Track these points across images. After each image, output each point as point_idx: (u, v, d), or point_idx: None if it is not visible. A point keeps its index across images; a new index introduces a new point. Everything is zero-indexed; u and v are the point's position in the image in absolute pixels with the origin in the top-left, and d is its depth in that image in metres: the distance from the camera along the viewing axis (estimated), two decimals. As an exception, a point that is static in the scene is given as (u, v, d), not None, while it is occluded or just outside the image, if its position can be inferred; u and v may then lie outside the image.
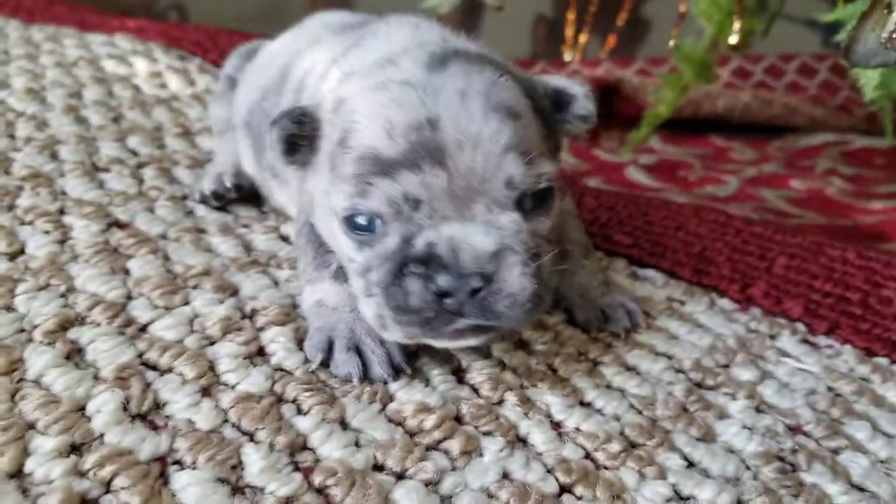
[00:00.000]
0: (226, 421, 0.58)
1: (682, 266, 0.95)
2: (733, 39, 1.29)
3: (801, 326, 0.87)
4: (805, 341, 0.85)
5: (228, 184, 0.93)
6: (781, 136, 1.75)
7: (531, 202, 0.62)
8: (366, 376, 0.65)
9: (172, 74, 1.38)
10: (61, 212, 0.83)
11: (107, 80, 1.26)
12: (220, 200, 0.93)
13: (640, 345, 0.79)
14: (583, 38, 1.80)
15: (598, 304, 0.80)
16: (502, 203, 0.60)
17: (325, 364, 0.65)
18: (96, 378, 0.60)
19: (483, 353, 0.73)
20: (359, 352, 0.65)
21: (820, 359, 0.82)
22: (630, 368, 0.76)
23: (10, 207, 0.82)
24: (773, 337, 0.85)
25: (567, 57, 1.96)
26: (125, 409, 0.57)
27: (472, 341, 0.62)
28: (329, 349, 0.65)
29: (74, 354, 0.62)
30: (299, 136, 0.67)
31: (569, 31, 1.81)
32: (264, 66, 0.97)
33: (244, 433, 0.57)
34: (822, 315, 0.89)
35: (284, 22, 1.06)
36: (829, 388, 0.78)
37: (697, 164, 1.49)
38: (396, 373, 0.66)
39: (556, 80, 0.70)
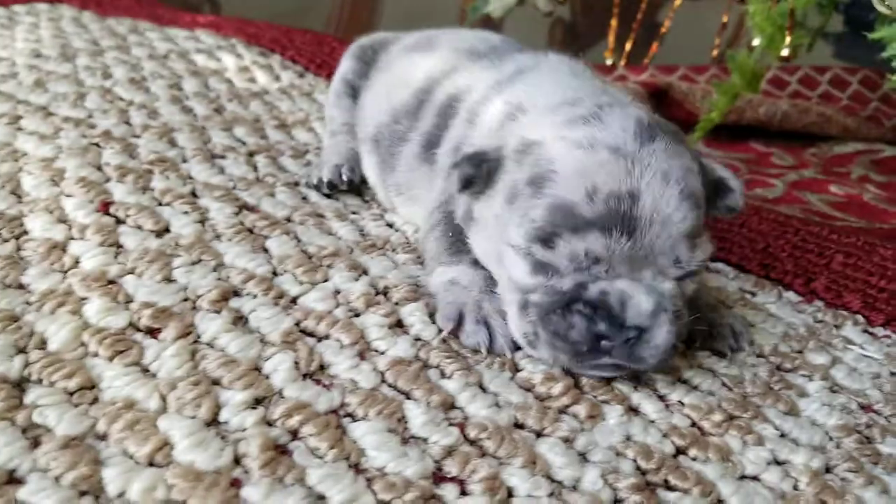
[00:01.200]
0: (383, 381, 0.66)
1: (749, 261, 1.03)
2: (785, 52, 1.37)
3: (860, 318, 0.95)
4: (865, 332, 0.93)
5: (345, 177, 1.01)
6: (815, 143, 1.83)
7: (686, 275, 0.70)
8: (489, 350, 0.72)
9: (258, 70, 1.46)
10: (194, 194, 0.91)
11: (201, 73, 1.33)
12: (332, 190, 1.00)
13: (721, 331, 0.87)
14: (628, 45, 1.88)
15: (706, 319, 0.81)
16: (667, 274, 0.68)
17: (454, 334, 0.73)
18: (263, 342, 0.67)
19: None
20: (486, 325, 0.73)
21: (881, 347, 0.90)
22: (716, 352, 0.83)
23: (145, 189, 0.90)
24: (837, 327, 0.93)
25: (608, 61, 2.04)
26: (297, 368, 0.65)
27: (607, 374, 0.71)
28: (459, 321, 0.73)
29: (239, 322, 0.70)
30: (477, 176, 0.73)
31: (611, 37, 1.88)
32: (394, 87, 1.00)
33: (401, 392, 0.65)
34: (879, 308, 0.97)
35: (317, 17, 1.10)
36: (892, 374, 0.86)
37: (743, 167, 1.57)
38: (515, 348, 0.73)
39: (720, 171, 0.76)
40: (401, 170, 0.94)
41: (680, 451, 0.66)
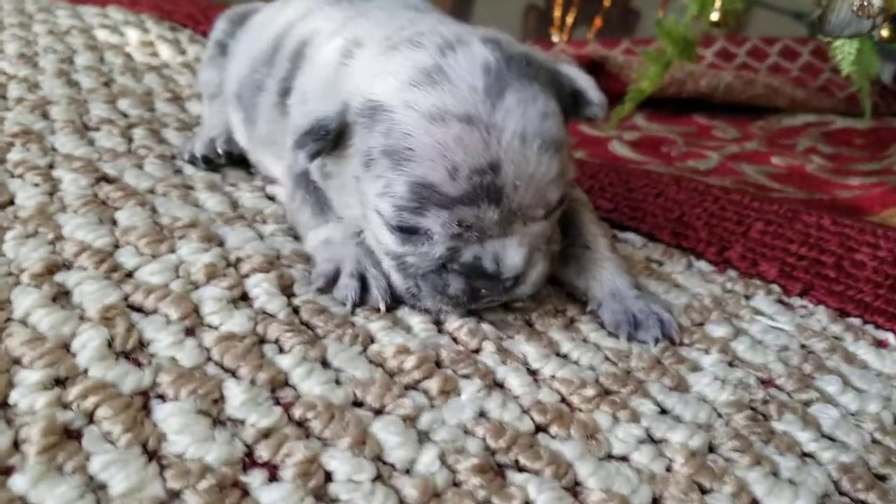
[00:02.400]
0: (209, 359, 0.60)
1: (660, 229, 0.97)
2: (715, 16, 1.30)
3: (775, 288, 0.89)
4: (780, 302, 0.87)
5: (220, 150, 0.95)
6: (763, 116, 1.77)
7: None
8: (363, 302, 0.70)
9: (163, 44, 1.39)
10: (51, 166, 0.84)
11: (99, 47, 1.27)
12: (209, 165, 0.94)
13: (616, 302, 0.81)
14: (569, 20, 1.82)
15: (630, 309, 0.76)
16: (537, 218, 0.68)
17: (327, 291, 0.71)
18: (82, 318, 0.61)
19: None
20: (362, 279, 0.70)
21: (793, 318, 0.84)
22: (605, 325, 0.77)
23: (1, 161, 0.83)
24: (748, 297, 0.87)
25: (554, 38, 1.98)
26: (110, 346, 0.58)
27: (491, 306, 0.72)
28: (335, 278, 0.70)
29: (61, 297, 0.64)
30: (323, 148, 0.68)
31: (556, 13, 1.82)
32: (254, 38, 0.96)
33: (226, 370, 0.58)
34: (797, 277, 0.91)
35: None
36: (802, 346, 0.80)
37: (680, 140, 1.51)
38: (396, 302, 0.71)
39: (580, 81, 0.73)
40: (262, 122, 0.88)
41: (539, 429, 0.60)
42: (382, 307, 0.69)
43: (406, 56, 0.67)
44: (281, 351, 0.62)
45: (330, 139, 0.67)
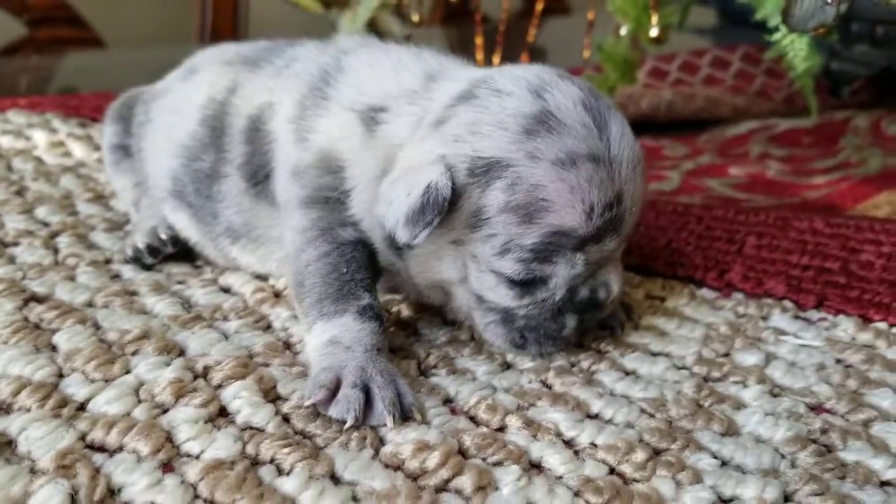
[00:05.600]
0: (196, 497, 0.49)
1: (653, 261, 0.90)
2: (654, 32, 1.26)
3: (788, 304, 0.83)
4: (797, 317, 0.81)
5: (164, 235, 0.84)
6: (707, 129, 1.74)
7: None
8: (365, 419, 0.58)
9: (75, 142, 1.28)
10: (-31, 294, 0.73)
11: (4, 155, 1.15)
12: (156, 256, 0.83)
13: (632, 346, 0.73)
14: (496, 60, 1.77)
15: None
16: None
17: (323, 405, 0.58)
18: (34, 471, 0.50)
19: (469, 376, 0.66)
20: (365, 390, 0.59)
21: (819, 332, 0.77)
22: (629, 373, 0.69)
23: None
24: (764, 318, 0.80)
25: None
26: (74, 502, 0.47)
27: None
28: (335, 389, 0.59)
29: (4, 449, 0.52)
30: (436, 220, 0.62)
31: (479, 56, 1.77)
32: (170, 127, 0.84)
33: (220, 508, 0.48)
34: (807, 289, 0.84)
35: (184, 33, 0.96)
36: (838, 361, 0.73)
37: (634, 165, 1.46)
38: (404, 417, 0.59)
39: None
40: (230, 212, 0.78)
41: (599, 513, 0.51)
42: (390, 423, 0.57)
43: (501, 105, 0.63)
44: (280, 472, 0.52)
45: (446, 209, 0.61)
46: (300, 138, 0.72)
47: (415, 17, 1.68)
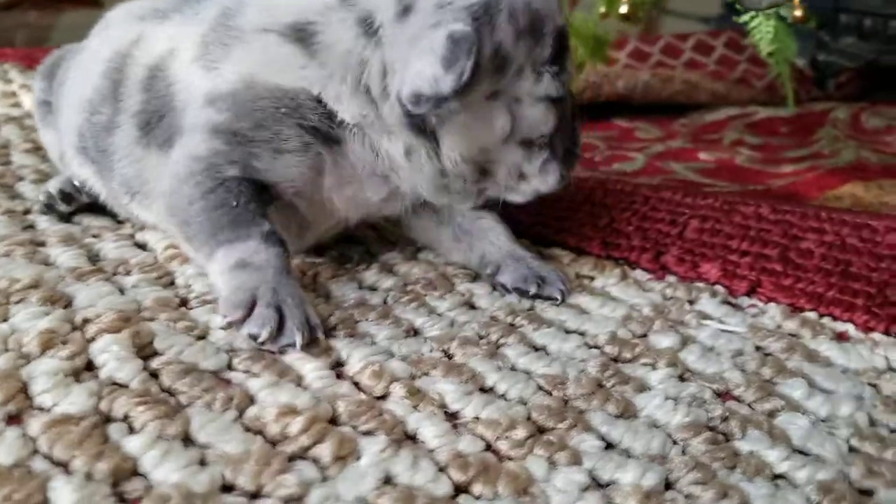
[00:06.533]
0: (35, 451, 0.47)
1: (589, 240, 0.87)
2: (623, 9, 1.23)
3: (720, 289, 0.80)
4: (727, 303, 0.78)
5: (77, 181, 0.82)
6: (685, 113, 1.70)
7: None
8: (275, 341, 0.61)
9: (28, 94, 1.26)
10: None
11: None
12: (69, 202, 0.82)
13: (547, 322, 0.71)
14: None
15: (532, 267, 0.77)
16: None
17: (238, 324, 0.61)
18: None
19: (367, 341, 0.65)
20: (278, 310, 0.61)
21: (744, 318, 0.75)
22: (538, 349, 0.67)
23: None
24: (691, 302, 0.78)
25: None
26: None
27: None
28: (251, 308, 0.61)
29: None
30: None
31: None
32: (77, 83, 0.82)
33: (56, 463, 0.46)
34: (741, 275, 0.81)
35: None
36: (758, 348, 0.70)
37: (602, 145, 1.42)
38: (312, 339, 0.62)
39: None
40: (122, 164, 0.75)
41: (460, 489, 0.49)
42: (299, 342, 0.60)
43: None
44: (130, 431, 0.49)
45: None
46: (209, 69, 0.69)
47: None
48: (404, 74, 0.64)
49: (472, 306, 0.74)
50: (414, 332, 0.67)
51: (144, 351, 0.58)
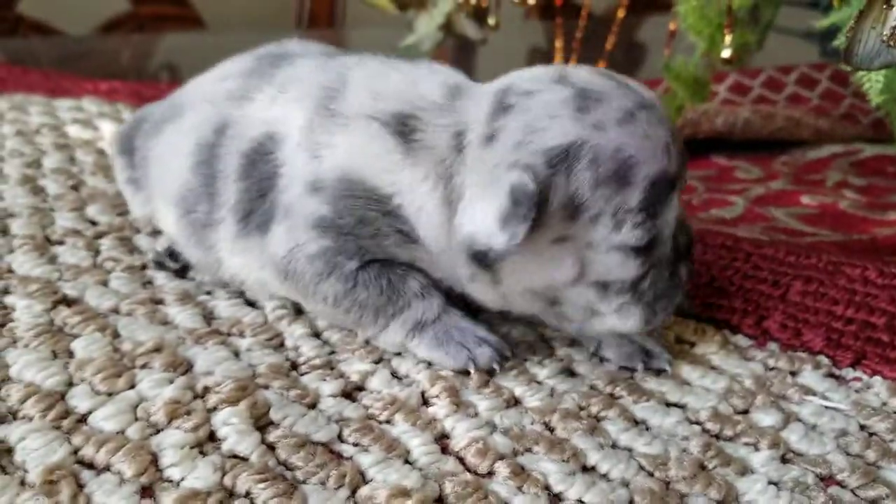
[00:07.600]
0: (169, 527, 0.50)
1: (689, 299, 0.87)
2: (726, 53, 1.22)
3: (824, 360, 0.79)
4: (830, 375, 0.77)
5: None
6: (787, 150, 1.66)
7: None
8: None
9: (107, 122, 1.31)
10: (6, 291, 0.76)
11: (69, 145, 1.19)
12: (177, 260, 0.84)
13: (647, 394, 0.71)
14: (572, 63, 1.74)
15: (636, 342, 0.76)
16: None
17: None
18: (23, 483, 0.52)
19: (471, 412, 0.66)
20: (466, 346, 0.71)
21: (848, 393, 0.74)
22: (638, 423, 0.68)
23: (-51, 290, 0.75)
24: (793, 373, 0.77)
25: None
26: (51, 520, 0.49)
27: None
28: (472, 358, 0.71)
29: (3, 456, 0.55)
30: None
31: (557, 59, 1.74)
32: (167, 177, 0.80)
33: (187, 540, 0.49)
34: (846, 345, 0.80)
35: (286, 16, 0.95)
36: (862, 427, 0.69)
37: (700, 186, 1.41)
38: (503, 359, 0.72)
39: None
40: (227, 257, 0.77)
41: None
42: (498, 369, 0.72)
43: (540, 101, 0.65)
44: (253, 508, 0.53)
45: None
46: (314, 156, 0.70)
47: (491, 21, 1.66)
48: (467, 211, 0.65)
49: (571, 373, 0.75)
50: (515, 402, 0.69)
51: (261, 421, 0.61)
